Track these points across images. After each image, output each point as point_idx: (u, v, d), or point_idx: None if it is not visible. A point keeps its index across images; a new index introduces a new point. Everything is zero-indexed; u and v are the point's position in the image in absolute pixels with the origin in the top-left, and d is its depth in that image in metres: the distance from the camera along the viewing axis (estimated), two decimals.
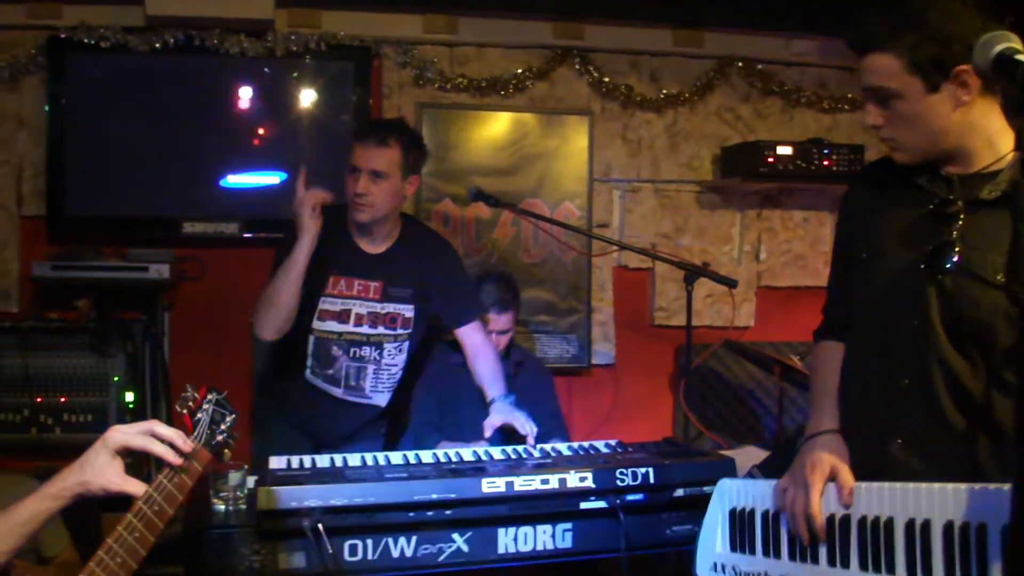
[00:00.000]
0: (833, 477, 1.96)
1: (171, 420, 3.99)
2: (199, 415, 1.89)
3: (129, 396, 3.92)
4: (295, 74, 4.20)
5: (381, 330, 3.26)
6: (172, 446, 1.74)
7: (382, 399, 3.37)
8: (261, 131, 4.21)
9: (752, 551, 2.09)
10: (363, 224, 3.16)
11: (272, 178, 4.22)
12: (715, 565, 2.17)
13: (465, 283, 3.48)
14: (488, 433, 3.11)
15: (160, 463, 1.74)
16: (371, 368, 3.29)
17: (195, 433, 1.85)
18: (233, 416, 1.93)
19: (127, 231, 4.10)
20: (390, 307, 3.24)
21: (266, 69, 4.15)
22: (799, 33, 4.66)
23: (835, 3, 4.04)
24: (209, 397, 1.92)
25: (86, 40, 3.91)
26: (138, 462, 1.80)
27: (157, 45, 3.93)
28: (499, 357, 3.40)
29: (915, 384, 1.89)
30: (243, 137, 4.19)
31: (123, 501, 1.74)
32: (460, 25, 4.35)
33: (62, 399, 3.85)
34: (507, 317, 3.61)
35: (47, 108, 3.98)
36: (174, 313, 4.24)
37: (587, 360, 4.62)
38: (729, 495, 2.22)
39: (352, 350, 3.26)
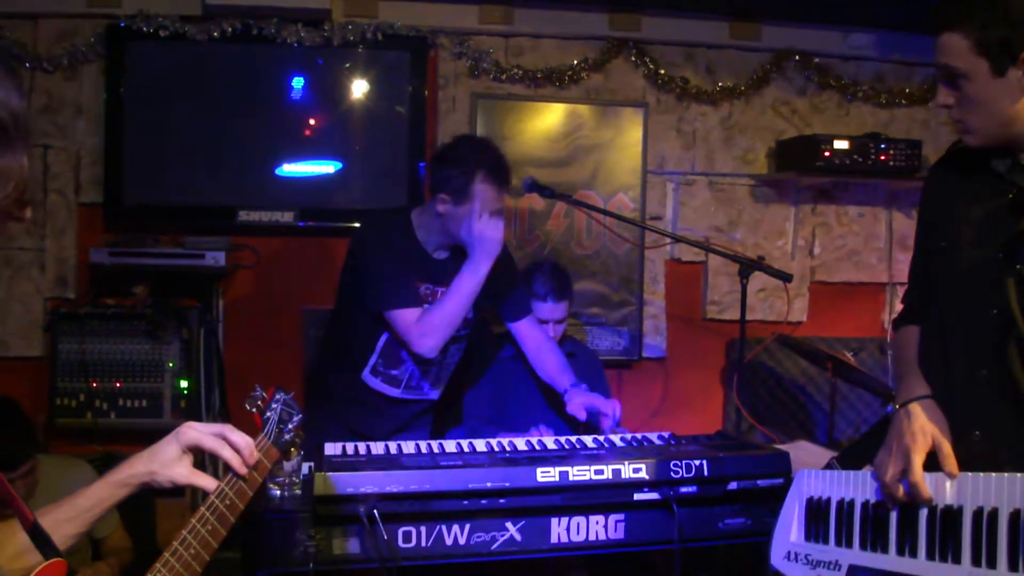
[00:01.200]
0: (934, 449, 1.92)
1: (226, 407, 4.09)
2: (268, 414, 1.91)
3: (184, 383, 3.96)
4: (351, 64, 4.20)
5: None
6: (240, 453, 1.75)
7: (436, 394, 3.38)
8: (316, 121, 4.22)
9: (826, 540, 2.08)
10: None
11: (327, 167, 4.24)
12: (789, 554, 2.16)
13: (518, 279, 3.49)
14: (583, 415, 3.12)
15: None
16: (434, 369, 3.29)
17: (264, 431, 1.87)
18: (300, 416, 1.95)
19: (183, 219, 4.13)
20: None
21: (322, 59, 4.16)
22: (857, 27, 4.59)
23: None
24: (277, 397, 1.93)
25: (145, 29, 3.94)
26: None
27: (215, 34, 3.96)
28: (558, 349, 3.39)
29: (994, 374, 1.87)
30: (299, 126, 4.20)
31: (180, 490, 1.76)
32: (516, 16, 4.34)
33: (117, 384, 3.90)
34: (563, 306, 3.60)
35: (105, 96, 4.02)
36: (228, 301, 4.27)
37: (638, 353, 4.60)
38: (806, 485, 2.20)
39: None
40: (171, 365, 3.94)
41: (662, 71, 4.48)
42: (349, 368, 3.30)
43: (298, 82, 4.17)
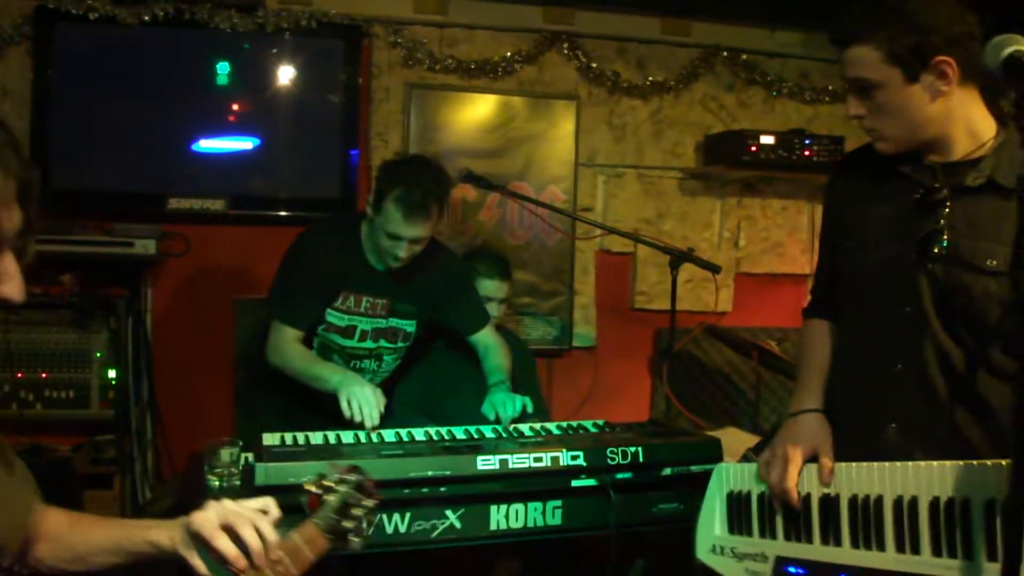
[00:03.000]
0: (815, 456, 2.00)
1: (153, 397, 4.02)
2: (329, 496, 1.64)
3: (111, 373, 3.87)
4: (284, 51, 4.15)
5: (382, 343, 3.26)
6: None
7: None
8: (246, 107, 4.16)
9: (750, 532, 2.12)
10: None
11: (246, 143, 4.17)
12: (714, 547, 2.20)
13: (473, 293, 3.47)
14: (492, 416, 3.09)
15: None
16: (367, 376, 3.28)
17: (316, 515, 1.62)
18: (374, 502, 1.68)
19: (111, 205, 4.03)
20: (393, 322, 3.24)
21: (253, 45, 4.10)
22: (783, 25, 4.70)
23: None
24: (349, 478, 1.67)
25: (73, 11, 3.83)
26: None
27: (146, 18, 3.86)
28: (508, 354, 3.38)
29: (908, 368, 1.93)
30: (230, 114, 4.14)
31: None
32: (450, 6, 4.33)
33: (43, 375, 3.79)
34: (507, 286, 3.67)
35: (32, 79, 3.90)
36: (157, 290, 4.19)
37: (568, 342, 4.65)
38: (726, 479, 2.24)
39: (352, 361, 3.25)
40: (99, 355, 3.85)
41: (594, 65, 4.52)
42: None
43: (227, 68, 4.10)
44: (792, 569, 1.98)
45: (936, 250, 1.86)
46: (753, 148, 4.37)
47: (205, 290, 4.23)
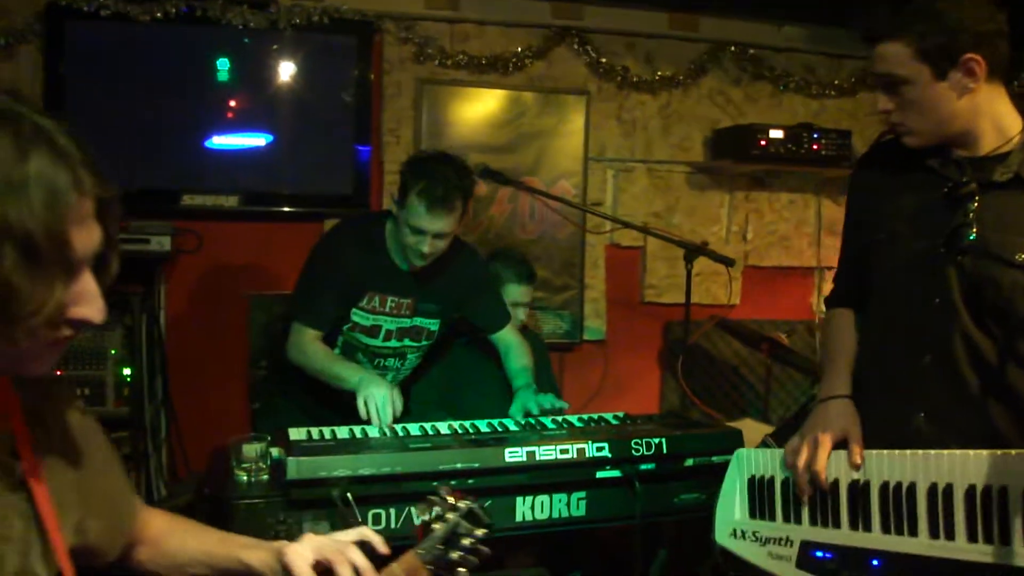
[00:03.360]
0: (843, 442, 2.02)
1: (168, 395, 4.02)
2: (436, 526, 1.60)
3: (126, 371, 3.88)
4: (297, 47, 4.15)
5: (406, 343, 3.27)
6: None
7: None
8: (261, 104, 4.16)
9: (772, 517, 2.14)
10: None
11: (259, 140, 4.17)
12: (735, 531, 2.22)
13: (495, 292, 3.49)
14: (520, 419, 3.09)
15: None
16: (390, 375, 3.30)
17: (421, 545, 1.58)
18: (484, 531, 1.61)
19: (125, 203, 4.01)
20: (418, 322, 3.25)
21: (267, 42, 4.10)
22: (789, 20, 4.72)
23: None
24: (460, 506, 1.62)
25: (85, 8, 3.82)
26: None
27: (158, 15, 3.85)
28: (529, 352, 3.40)
29: (937, 360, 1.95)
30: (242, 110, 4.14)
31: None
32: (461, 2, 4.33)
33: (58, 372, 3.79)
34: (531, 289, 3.71)
35: (43, 77, 3.89)
36: (171, 286, 4.19)
37: (579, 336, 4.67)
38: (746, 464, 2.26)
39: (376, 360, 3.26)
40: (113, 352, 3.85)
41: (603, 60, 4.53)
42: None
43: (239, 65, 4.10)
44: (819, 554, 1.99)
45: (965, 243, 1.87)
46: (762, 142, 4.39)
47: (219, 287, 4.24)
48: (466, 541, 1.59)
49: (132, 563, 1.57)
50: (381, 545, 1.56)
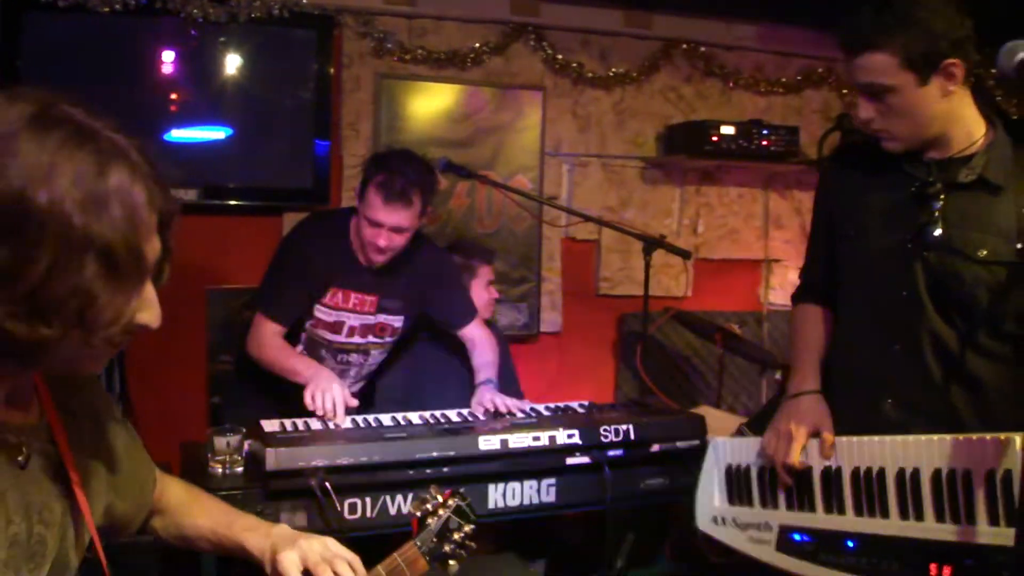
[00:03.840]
0: (816, 433, 2.11)
1: (126, 392, 3.97)
2: (430, 520, 1.70)
3: None
4: (256, 40, 4.10)
5: (370, 339, 3.28)
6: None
7: (357, 388, 3.39)
8: (220, 98, 4.11)
9: (751, 503, 2.22)
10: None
11: (218, 133, 4.13)
12: (715, 518, 2.29)
13: (460, 288, 3.49)
14: (480, 413, 3.10)
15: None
16: (353, 370, 3.32)
17: (418, 537, 1.68)
18: (472, 527, 1.74)
19: None
20: (381, 318, 3.25)
21: (226, 35, 4.05)
22: (739, 18, 4.81)
23: None
24: (450, 503, 1.73)
25: None
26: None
27: (117, 6, 3.78)
28: (495, 347, 3.41)
29: (905, 349, 2.04)
30: (201, 104, 4.10)
31: None
32: None
33: None
34: (491, 268, 3.74)
35: None
36: None
37: (536, 328, 4.72)
38: (723, 452, 2.33)
39: (340, 356, 3.28)
40: None
41: (559, 56, 4.57)
42: None
43: (199, 57, 4.04)
44: (797, 537, 2.08)
45: (930, 240, 1.97)
46: (714, 138, 4.48)
47: (177, 281, 4.13)
48: (457, 536, 1.71)
49: (147, 529, 1.61)
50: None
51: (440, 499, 1.73)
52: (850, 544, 1.98)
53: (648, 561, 3.38)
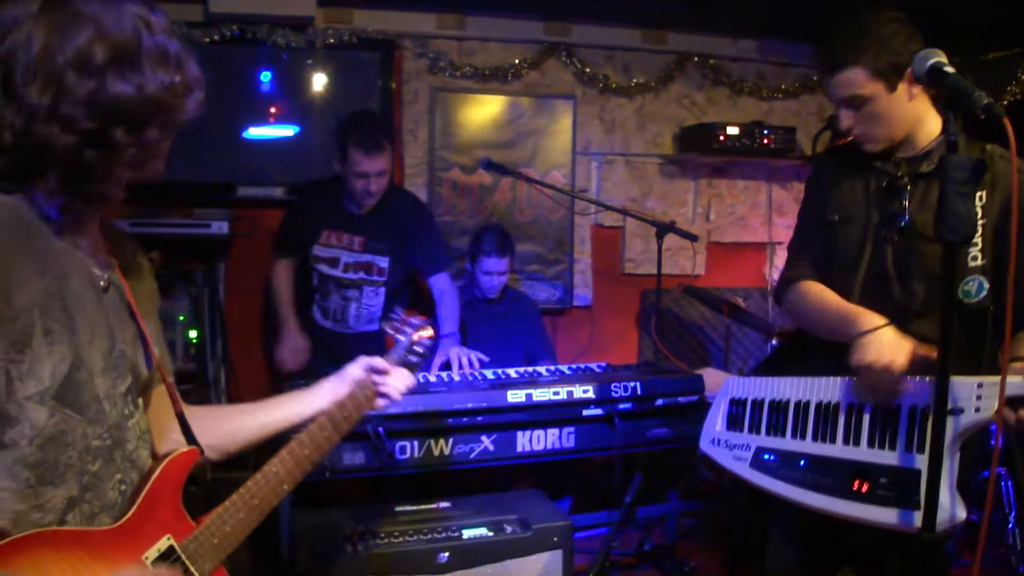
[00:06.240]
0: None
1: (227, 353, 4.12)
2: (400, 337, 1.82)
3: (192, 333, 3.98)
4: (331, 62, 4.21)
5: (361, 275, 3.42)
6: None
7: (363, 328, 3.53)
8: (300, 110, 4.22)
9: (741, 429, 2.26)
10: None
11: (287, 131, 4.23)
12: (714, 440, 2.32)
13: (437, 239, 3.58)
14: (433, 371, 3.13)
15: None
16: (353, 305, 3.44)
17: (391, 353, 1.81)
18: (430, 334, 1.87)
19: (190, 193, 4.08)
20: (368, 257, 3.42)
21: (306, 58, 4.16)
22: (744, 34, 4.76)
23: (774, 11, 4.20)
24: (413, 321, 1.85)
25: None
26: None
27: (216, 38, 3.91)
28: (458, 304, 3.45)
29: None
30: (284, 115, 4.20)
31: None
32: (468, 23, 4.38)
33: None
34: (506, 261, 3.74)
35: None
36: (228, 264, 4.25)
37: (569, 302, 4.74)
38: (732, 388, 2.35)
39: (340, 290, 3.44)
40: (182, 319, 3.95)
41: (587, 69, 4.58)
42: (305, 305, 3.57)
43: (283, 77, 4.16)
44: (766, 456, 2.13)
45: (898, 225, 2.02)
46: (721, 137, 4.45)
47: (267, 264, 4.31)
48: (419, 348, 1.83)
49: None
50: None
51: (404, 318, 1.85)
52: (802, 463, 2.03)
53: (655, 499, 3.42)
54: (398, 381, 1.76)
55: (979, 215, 1.91)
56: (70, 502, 1.20)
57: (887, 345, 1.89)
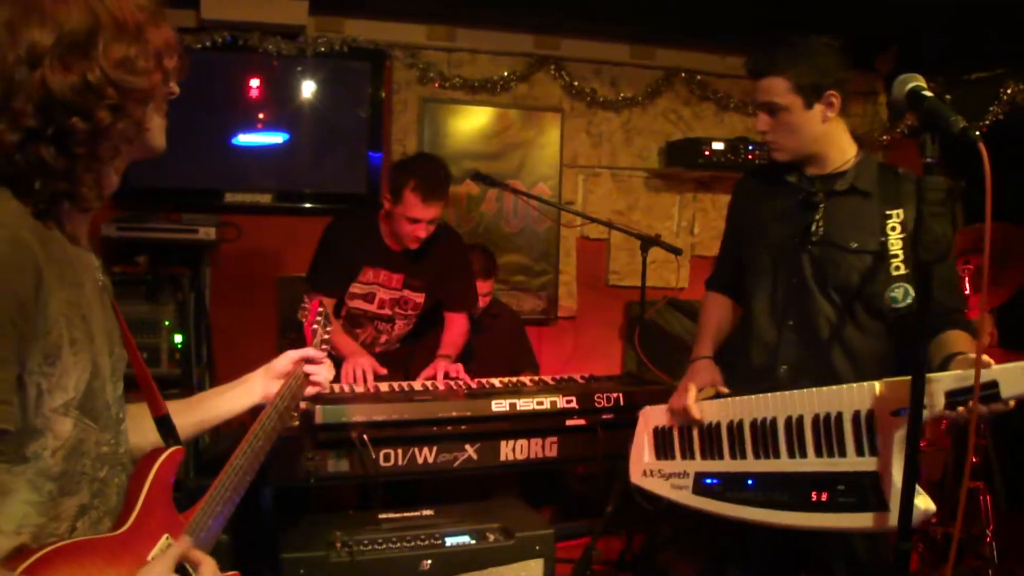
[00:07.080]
0: (716, 394, 2.21)
1: (212, 358, 4.12)
2: (315, 326, 1.95)
3: (177, 338, 3.96)
4: (321, 70, 4.23)
5: (396, 310, 3.37)
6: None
7: (391, 347, 3.48)
8: (290, 117, 4.24)
9: (673, 456, 2.28)
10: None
11: (276, 138, 4.24)
12: (645, 471, 2.35)
13: (470, 282, 3.52)
14: (418, 381, 3.12)
15: None
16: (384, 337, 3.41)
17: (314, 341, 1.93)
18: (331, 328, 2.00)
19: (178, 199, 4.09)
20: (405, 293, 3.34)
21: (296, 66, 4.19)
22: (730, 51, 4.81)
23: (760, 29, 4.25)
24: (320, 310, 1.99)
25: None
26: None
27: (207, 44, 3.93)
28: (464, 341, 3.43)
29: (797, 324, 2.16)
30: (274, 122, 4.22)
31: None
32: (458, 35, 4.42)
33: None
34: (490, 283, 3.77)
35: None
36: (214, 270, 4.27)
37: (554, 313, 4.78)
38: (651, 418, 2.40)
39: (375, 323, 3.38)
40: (167, 323, 3.92)
41: (575, 83, 4.62)
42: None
43: (273, 84, 4.18)
44: (708, 481, 2.14)
45: (814, 237, 2.13)
46: (707, 152, 4.50)
47: (254, 270, 4.32)
48: (326, 336, 1.96)
49: None
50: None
51: (310, 308, 1.98)
52: (750, 482, 2.03)
53: (637, 508, 3.43)
54: (326, 369, 1.85)
55: (899, 230, 2.00)
56: (81, 509, 1.20)
57: (688, 377, 2.27)
